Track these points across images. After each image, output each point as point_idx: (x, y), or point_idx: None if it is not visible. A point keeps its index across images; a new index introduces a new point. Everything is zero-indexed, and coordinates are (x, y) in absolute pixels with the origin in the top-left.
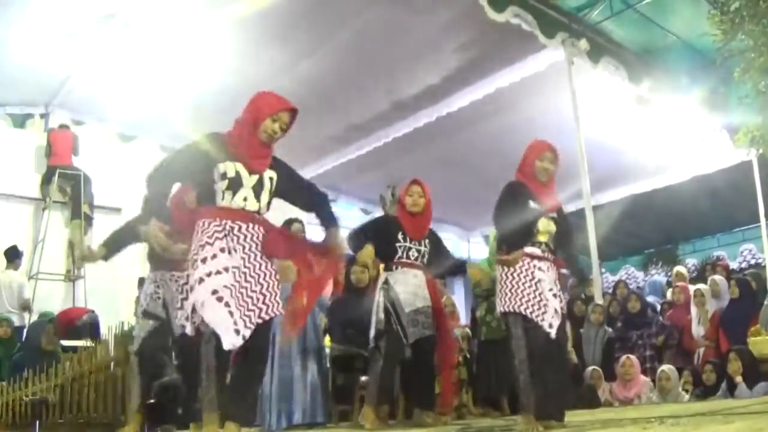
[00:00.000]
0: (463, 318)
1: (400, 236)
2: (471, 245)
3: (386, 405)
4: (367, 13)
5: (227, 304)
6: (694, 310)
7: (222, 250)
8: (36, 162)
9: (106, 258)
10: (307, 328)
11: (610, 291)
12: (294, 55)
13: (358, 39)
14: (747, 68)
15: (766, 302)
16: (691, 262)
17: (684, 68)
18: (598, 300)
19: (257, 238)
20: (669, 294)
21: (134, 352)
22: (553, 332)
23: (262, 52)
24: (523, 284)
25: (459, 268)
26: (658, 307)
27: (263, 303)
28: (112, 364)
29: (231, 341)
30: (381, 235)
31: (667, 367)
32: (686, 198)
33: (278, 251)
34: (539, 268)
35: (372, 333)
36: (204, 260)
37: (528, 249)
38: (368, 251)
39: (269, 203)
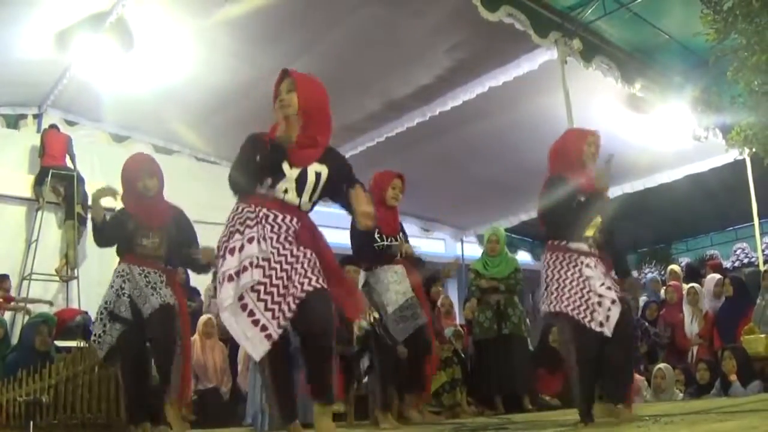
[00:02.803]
0: (458, 318)
1: (376, 236)
2: (464, 245)
3: (396, 403)
4: (359, 12)
5: (251, 313)
6: (687, 308)
7: (251, 240)
8: (29, 162)
9: None
10: None
11: None
12: (286, 56)
13: (350, 39)
14: (740, 67)
15: (759, 300)
16: (685, 261)
17: (677, 67)
18: None
19: (292, 230)
20: (662, 293)
21: (103, 359)
22: (607, 330)
23: (254, 52)
24: (571, 283)
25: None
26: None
27: (297, 283)
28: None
29: (258, 351)
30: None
31: (663, 366)
32: (679, 197)
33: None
34: (587, 265)
35: (356, 334)
36: (232, 251)
37: (574, 245)
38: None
39: (313, 200)
